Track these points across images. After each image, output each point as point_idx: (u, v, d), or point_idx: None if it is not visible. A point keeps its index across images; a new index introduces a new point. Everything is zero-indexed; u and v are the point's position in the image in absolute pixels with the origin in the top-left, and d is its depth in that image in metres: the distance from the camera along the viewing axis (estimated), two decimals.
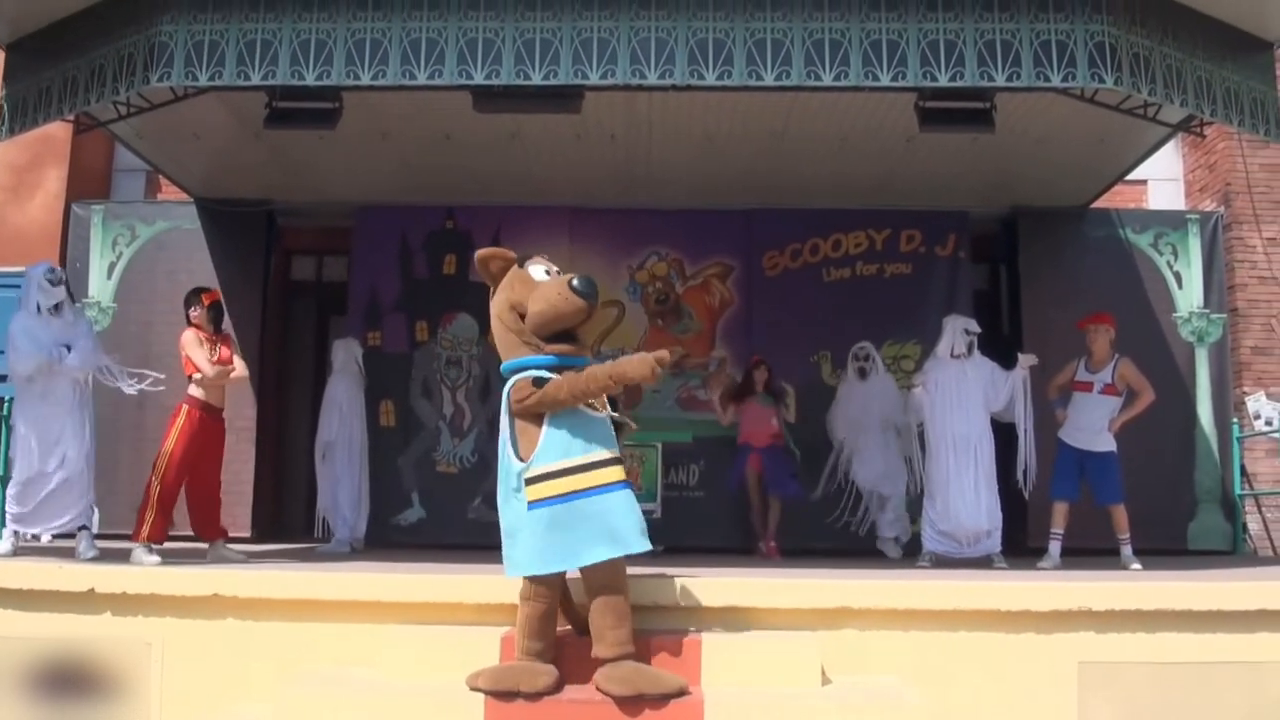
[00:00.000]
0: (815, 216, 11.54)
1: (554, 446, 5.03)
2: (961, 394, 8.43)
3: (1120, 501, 8.42)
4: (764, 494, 10.02)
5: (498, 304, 5.24)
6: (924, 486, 8.72)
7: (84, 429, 7.49)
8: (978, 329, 8.68)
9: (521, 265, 5.31)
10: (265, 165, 10.41)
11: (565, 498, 4.99)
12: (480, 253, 5.29)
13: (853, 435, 9.97)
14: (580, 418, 5.11)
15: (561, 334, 5.18)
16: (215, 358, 7.83)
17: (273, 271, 11.72)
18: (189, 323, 7.94)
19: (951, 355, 8.56)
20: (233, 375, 7.93)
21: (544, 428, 5.05)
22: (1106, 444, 8.45)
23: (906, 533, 9.98)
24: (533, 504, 4.99)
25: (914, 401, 8.86)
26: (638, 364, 5.09)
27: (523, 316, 5.16)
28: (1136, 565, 8.11)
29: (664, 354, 5.15)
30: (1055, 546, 8.42)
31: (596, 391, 5.07)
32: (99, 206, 11.53)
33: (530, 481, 5.01)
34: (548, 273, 5.31)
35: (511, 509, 5.08)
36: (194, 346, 7.81)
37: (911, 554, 9.35)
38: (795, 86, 7.06)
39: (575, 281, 5.15)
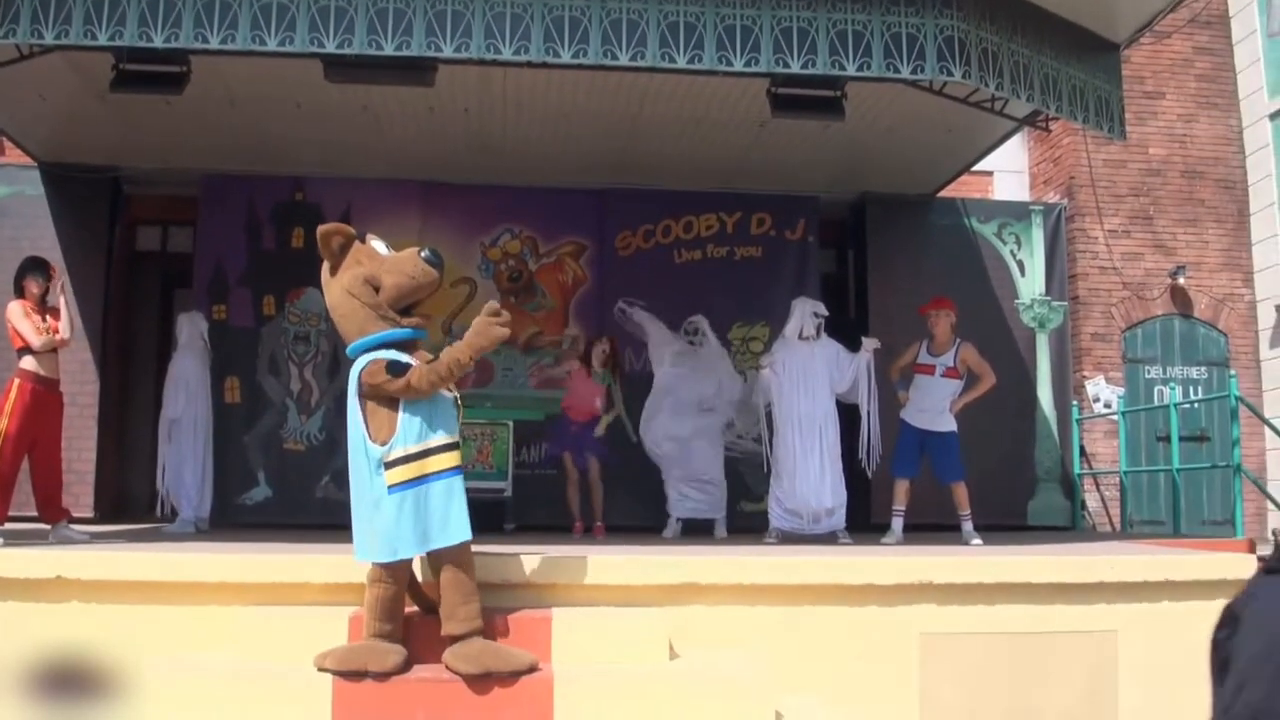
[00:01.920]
0: (668, 198, 11.62)
1: (411, 429, 5.03)
2: (808, 375, 8.58)
3: (961, 479, 8.64)
4: (582, 469, 9.70)
5: (349, 279, 5.17)
6: (770, 466, 8.85)
7: None
8: (825, 312, 8.84)
9: (362, 240, 5.29)
10: (111, 130, 10.08)
11: (423, 480, 5.01)
12: (322, 228, 5.22)
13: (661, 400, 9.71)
14: (435, 399, 5.10)
15: (408, 307, 5.21)
16: (46, 328, 7.60)
17: (117, 241, 11.34)
18: (19, 294, 7.68)
19: (800, 337, 8.70)
20: (57, 339, 7.68)
21: (400, 410, 5.04)
22: (947, 424, 8.66)
23: (716, 511, 9.65)
24: (392, 487, 4.98)
25: (761, 383, 8.95)
26: (483, 332, 5.12)
27: (376, 290, 5.13)
28: (977, 540, 8.33)
29: (493, 304, 5.24)
30: (898, 522, 8.63)
31: (459, 372, 5.09)
32: None
33: (389, 465, 4.99)
34: (388, 248, 5.32)
35: (368, 492, 5.06)
36: (20, 318, 7.55)
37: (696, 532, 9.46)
38: (650, 68, 7.10)
39: (425, 253, 5.21)
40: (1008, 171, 12.92)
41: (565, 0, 6.91)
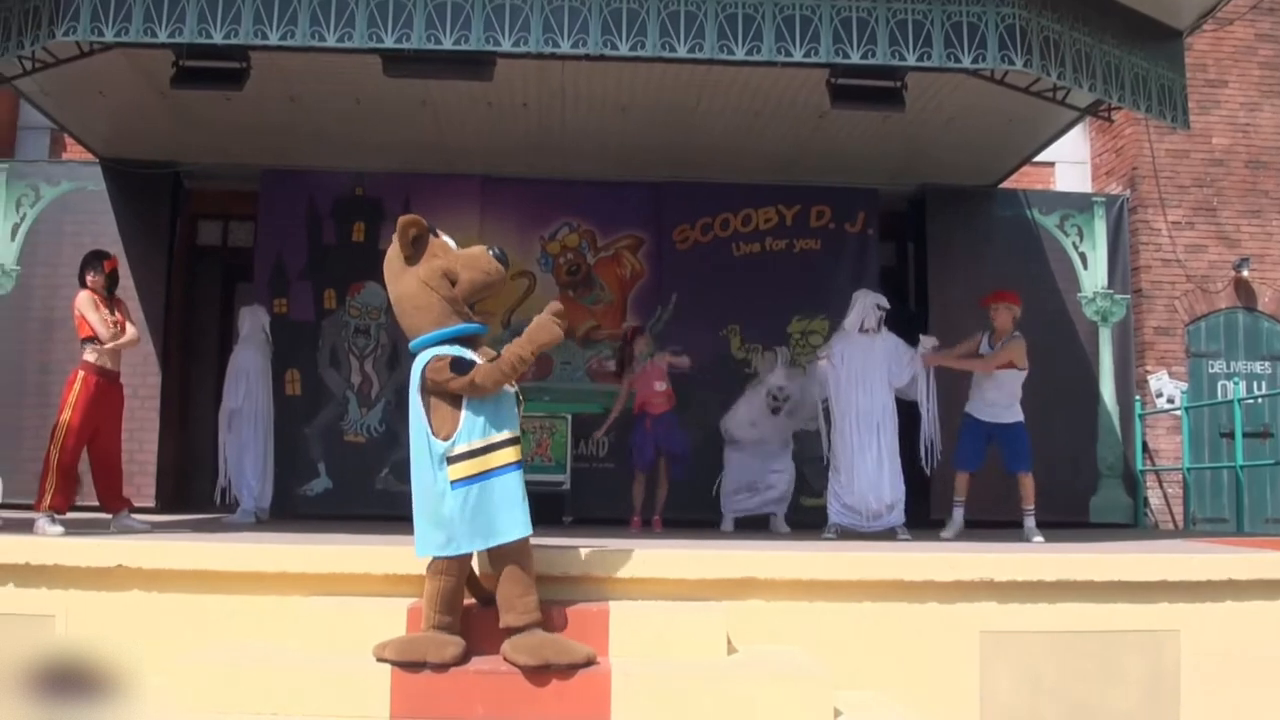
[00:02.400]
0: (726, 191, 11.59)
1: (475, 425, 5.05)
2: (867, 369, 8.50)
3: (1029, 470, 8.54)
4: (657, 463, 9.73)
5: (426, 271, 5.17)
6: (829, 460, 8.80)
7: None
8: (888, 305, 8.76)
9: (434, 235, 5.31)
10: (172, 126, 10.19)
11: (485, 475, 5.03)
12: (403, 218, 5.22)
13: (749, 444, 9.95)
14: (497, 394, 5.12)
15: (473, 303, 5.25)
16: (113, 320, 7.70)
17: (179, 235, 11.48)
18: (84, 286, 7.78)
19: (860, 330, 8.62)
20: (123, 339, 7.78)
21: (464, 406, 5.06)
22: (1015, 415, 8.57)
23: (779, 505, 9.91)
24: (455, 483, 5.00)
25: (819, 375, 8.89)
26: (543, 329, 5.13)
27: (452, 284, 5.15)
28: (1039, 538, 8.22)
29: (556, 304, 5.25)
30: (958, 512, 8.58)
31: (522, 369, 5.09)
32: (3, 165, 11.18)
33: (452, 460, 5.01)
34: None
35: (431, 487, 5.08)
36: (90, 309, 7.65)
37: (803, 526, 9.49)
38: (708, 59, 7.06)
39: (494, 250, 5.25)
40: (1069, 162, 12.77)
41: None
